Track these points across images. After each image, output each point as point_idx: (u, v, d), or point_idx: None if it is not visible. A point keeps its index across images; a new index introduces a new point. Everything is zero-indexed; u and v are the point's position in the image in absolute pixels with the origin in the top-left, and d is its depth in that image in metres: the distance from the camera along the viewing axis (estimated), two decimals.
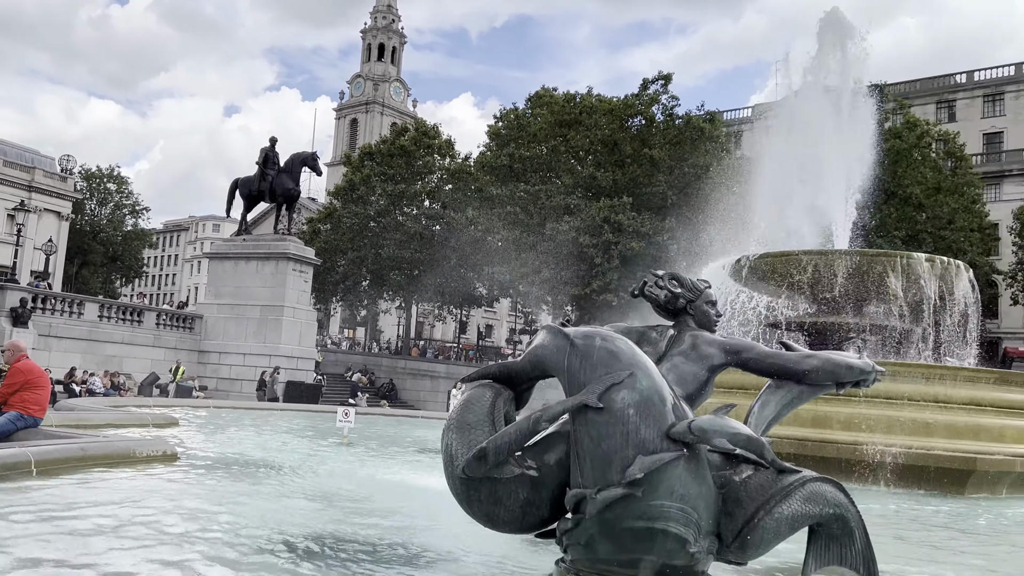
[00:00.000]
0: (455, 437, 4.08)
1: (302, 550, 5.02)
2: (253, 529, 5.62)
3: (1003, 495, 11.70)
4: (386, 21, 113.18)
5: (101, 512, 6.02)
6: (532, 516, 4.12)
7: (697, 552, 3.85)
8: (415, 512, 6.60)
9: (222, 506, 6.66)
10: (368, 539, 5.51)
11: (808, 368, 4.46)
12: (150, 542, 5.05)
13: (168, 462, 9.06)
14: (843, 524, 4.09)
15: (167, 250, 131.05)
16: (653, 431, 3.73)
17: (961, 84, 62.87)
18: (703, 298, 4.83)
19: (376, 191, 52.98)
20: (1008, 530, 9.15)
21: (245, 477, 8.73)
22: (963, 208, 45.07)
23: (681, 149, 45.01)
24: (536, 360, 4.18)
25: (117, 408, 16.72)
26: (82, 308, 32.78)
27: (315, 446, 13.05)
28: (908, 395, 12.31)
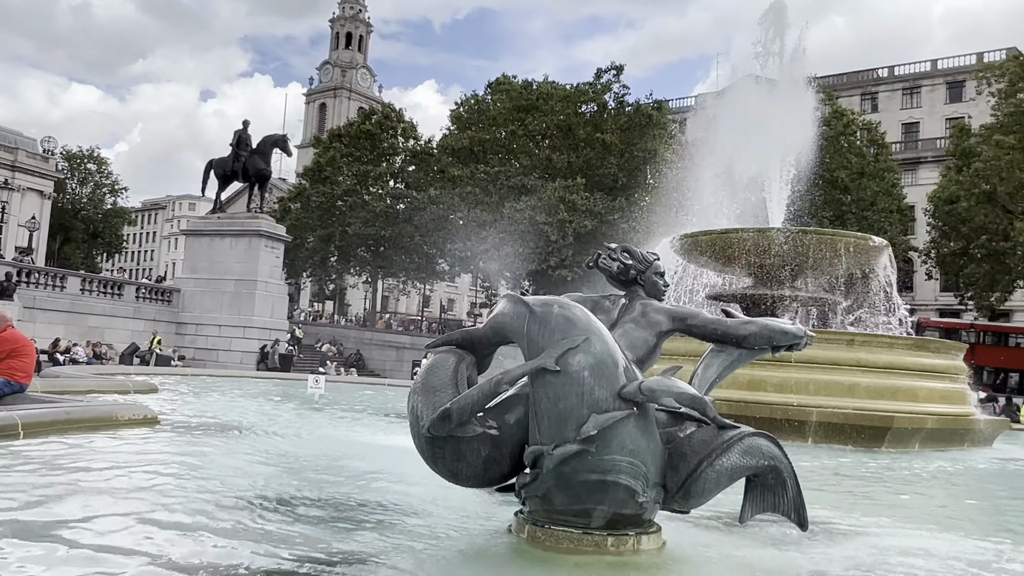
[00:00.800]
0: (421, 399, 4.07)
1: (276, 506, 4.97)
2: (230, 486, 5.55)
3: (916, 449, 12.08)
4: (353, 11, 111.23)
5: (83, 468, 5.92)
6: (493, 471, 4.14)
7: (645, 502, 3.91)
8: (385, 469, 6.57)
9: (200, 465, 6.56)
10: (341, 495, 5.48)
11: (747, 333, 4.52)
12: (130, 497, 4.96)
13: (149, 425, 8.89)
14: (777, 475, 4.17)
15: (146, 227, 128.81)
16: (606, 391, 3.76)
17: (883, 78, 63.94)
18: (652, 269, 4.85)
19: (343, 172, 52.50)
20: (920, 480, 9.45)
21: (222, 438, 8.62)
22: (884, 191, 45.97)
23: (631, 134, 45.15)
24: (497, 327, 4.17)
25: (100, 375, 16.39)
26: (64, 282, 32.10)
27: (288, 410, 12.92)
28: (834, 360, 12.61)
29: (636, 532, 4.02)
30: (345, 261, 55.44)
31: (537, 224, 41.20)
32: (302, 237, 50.69)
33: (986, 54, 56.61)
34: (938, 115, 59.97)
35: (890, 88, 63.08)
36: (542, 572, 3.84)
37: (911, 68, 63.43)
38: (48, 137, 67.07)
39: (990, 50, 56.68)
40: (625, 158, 44.80)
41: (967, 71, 56.97)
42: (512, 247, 40.79)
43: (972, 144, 41.49)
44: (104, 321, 32.15)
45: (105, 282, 34.94)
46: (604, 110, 46.73)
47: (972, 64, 57.28)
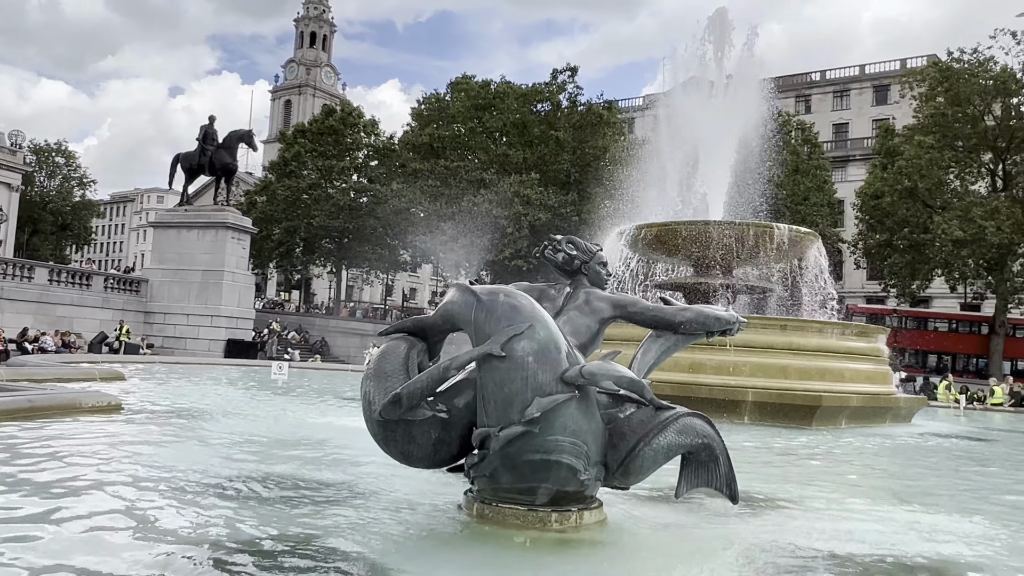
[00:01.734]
0: (373, 385, 4.02)
1: (233, 487, 4.87)
2: (188, 468, 5.41)
3: (842, 426, 12.35)
4: (317, 11, 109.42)
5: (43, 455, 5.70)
6: (443, 453, 4.12)
7: (586, 479, 3.92)
8: (342, 451, 6.49)
9: (159, 450, 6.39)
10: (298, 475, 5.39)
11: (683, 320, 4.54)
12: (87, 481, 4.79)
13: (112, 412, 8.64)
14: (710, 452, 4.20)
15: (114, 220, 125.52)
16: (549, 375, 3.74)
17: (816, 82, 65.13)
18: (595, 260, 4.84)
19: (308, 166, 51.69)
20: (845, 454, 9.67)
21: (185, 423, 8.41)
22: (816, 187, 46.80)
23: (583, 132, 45.27)
24: (447, 315, 4.13)
25: (66, 364, 15.91)
26: (32, 272, 31.05)
27: (252, 395, 12.71)
28: (768, 343, 12.81)
29: (579, 508, 4.03)
30: (310, 252, 54.71)
31: (494, 217, 41.12)
32: (268, 229, 49.80)
33: (909, 60, 57.94)
34: (865, 116, 61.35)
35: (822, 91, 64.31)
36: (489, 548, 3.82)
37: (841, 73, 64.75)
38: (16, 131, 64.80)
39: (913, 56, 58.07)
40: (577, 155, 44.93)
41: (892, 76, 58.33)
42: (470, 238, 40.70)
43: (896, 144, 42.37)
44: (73, 311, 31.26)
45: (73, 273, 33.95)
46: (558, 109, 46.80)
47: (896, 70, 58.62)
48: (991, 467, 9.47)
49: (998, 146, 38.94)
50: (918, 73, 43.07)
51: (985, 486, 7.59)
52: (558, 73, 47.19)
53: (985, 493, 7.09)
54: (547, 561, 3.65)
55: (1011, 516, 5.77)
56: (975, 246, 35.83)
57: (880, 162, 43.80)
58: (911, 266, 40.51)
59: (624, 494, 4.49)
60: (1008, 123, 38.17)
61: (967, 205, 36.93)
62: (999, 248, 35.88)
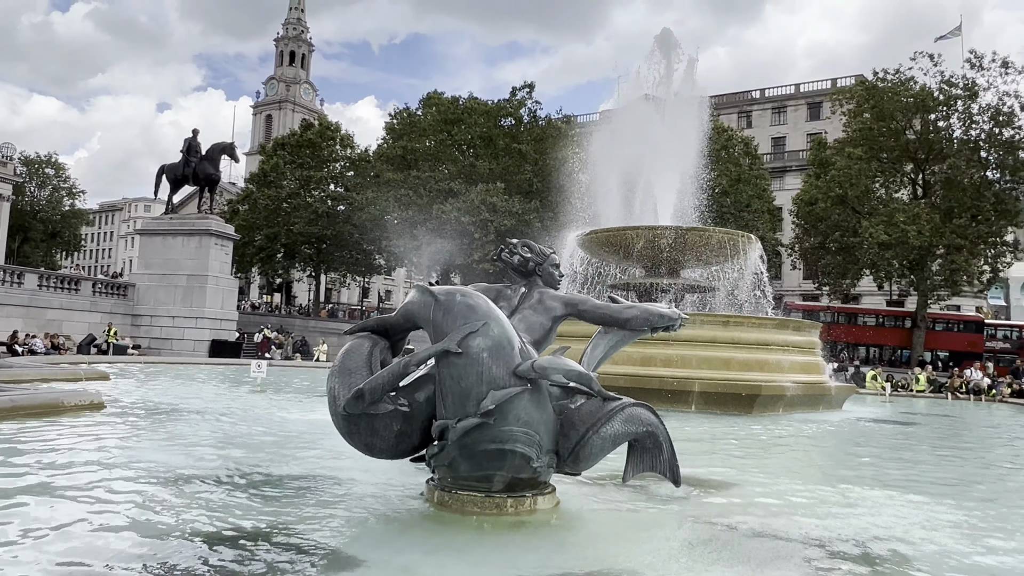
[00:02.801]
0: (337, 381, 3.95)
1: (211, 480, 4.74)
2: (166, 463, 5.26)
3: (780, 412, 12.47)
4: (296, 32, 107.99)
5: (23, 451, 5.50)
6: (405, 444, 4.06)
7: (539, 467, 3.89)
8: (315, 444, 6.37)
9: (139, 445, 6.22)
10: (272, 468, 5.27)
11: (629, 316, 4.54)
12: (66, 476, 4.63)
13: (95, 410, 8.36)
14: (654, 439, 4.20)
15: (103, 227, 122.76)
16: (503, 370, 3.71)
17: (756, 99, 66.12)
18: (548, 262, 4.82)
19: (287, 176, 51.11)
20: (782, 438, 9.77)
21: (164, 420, 8.20)
22: (757, 195, 47.36)
23: (544, 144, 45.26)
24: (407, 314, 4.07)
25: (52, 364, 15.41)
26: (22, 278, 30.08)
27: (231, 393, 12.43)
28: (712, 338, 12.91)
29: (533, 494, 4.01)
30: (291, 257, 54.04)
31: (462, 223, 40.99)
32: (250, 236, 49.07)
33: (839, 80, 59.15)
34: (800, 131, 62.41)
35: (762, 108, 65.29)
36: (449, 532, 3.77)
37: (779, 91, 65.78)
38: (6, 143, 63.09)
39: (842, 77, 59.23)
40: (539, 165, 44.94)
41: (824, 94, 59.44)
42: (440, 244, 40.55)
43: (827, 155, 43.04)
44: (62, 314, 30.43)
45: (62, 278, 32.97)
46: (520, 124, 46.89)
47: (828, 88, 59.79)
48: (914, 446, 9.68)
49: (918, 157, 39.86)
50: (847, 92, 43.89)
51: (907, 464, 7.74)
52: (517, 90, 47.38)
53: (907, 470, 7.23)
54: (503, 543, 3.62)
55: (929, 490, 5.89)
56: (898, 248, 36.63)
57: (814, 172, 44.48)
58: (842, 266, 41.22)
59: (576, 479, 4.47)
60: (927, 137, 39.10)
61: (891, 211, 37.73)
62: (919, 250, 36.74)
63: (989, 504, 5.51)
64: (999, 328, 43.70)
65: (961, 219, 37.37)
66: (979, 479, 7.12)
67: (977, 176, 38.27)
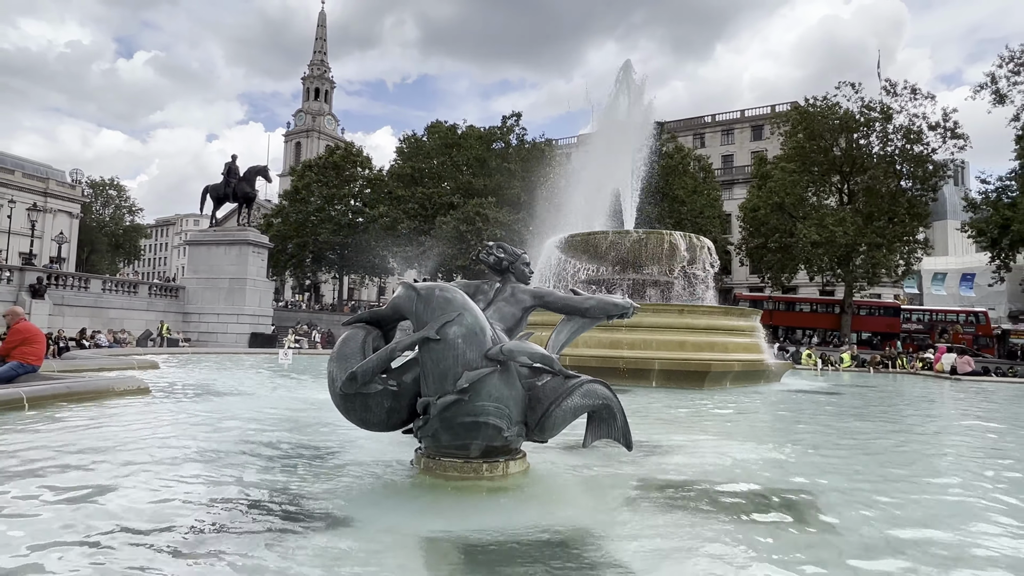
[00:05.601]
0: (335, 365, 3.87)
1: (236, 451, 4.65)
2: (196, 438, 5.18)
3: (727, 386, 12.43)
4: (320, 72, 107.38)
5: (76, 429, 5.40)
6: (395, 418, 3.98)
7: (510, 436, 3.82)
8: (323, 420, 6.28)
9: (175, 422, 6.11)
10: (285, 440, 5.19)
11: (588, 306, 4.46)
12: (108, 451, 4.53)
13: (142, 395, 8.26)
14: (609, 410, 4.13)
15: (160, 239, 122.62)
16: (476, 353, 3.64)
17: (708, 123, 66.04)
18: (520, 261, 4.74)
19: (314, 194, 50.90)
20: (728, 408, 9.70)
21: (201, 402, 8.08)
22: (709, 204, 47.42)
23: (530, 164, 45.12)
24: (395, 307, 3.99)
25: (111, 356, 15.23)
26: (88, 283, 29.87)
27: (262, 377, 12.30)
28: (669, 324, 12.84)
29: (505, 459, 3.94)
30: (318, 262, 53.94)
31: (460, 232, 40.92)
32: (283, 244, 48.95)
33: (777, 106, 59.19)
34: (746, 149, 62.42)
35: (713, 130, 65.24)
36: (432, 494, 3.70)
37: (727, 116, 65.75)
38: (75, 169, 63.15)
39: (780, 103, 59.28)
40: (526, 182, 44.80)
41: (764, 119, 59.48)
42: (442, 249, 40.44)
43: (768, 170, 43.14)
44: (123, 313, 30.20)
45: (122, 282, 32.70)
46: (509, 147, 46.81)
47: (768, 114, 59.82)
48: (839, 414, 9.64)
49: (843, 170, 39.95)
50: (784, 116, 43.96)
51: (831, 430, 7.69)
52: (507, 119, 47.43)
53: (831, 434, 7.18)
54: (478, 502, 3.55)
55: (841, 448, 5.84)
56: (828, 246, 36.72)
57: (756, 184, 44.56)
58: (781, 262, 41.32)
59: (543, 446, 4.41)
60: (850, 153, 39.18)
61: (821, 216, 37.81)
62: (845, 247, 36.86)
63: (886, 455, 5.47)
64: (913, 312, 43.84)
65: (880, 221, 37.51)
66: (884, 437, 7.08)
67: (893, 185, 38.40)
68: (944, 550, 3.00)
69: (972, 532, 3.31)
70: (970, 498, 4.06)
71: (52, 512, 3.17)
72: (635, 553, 2.82)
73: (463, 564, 2.67)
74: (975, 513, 3.68)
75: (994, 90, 33.80)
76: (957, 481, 4.61)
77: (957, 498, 4.08)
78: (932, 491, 4.27)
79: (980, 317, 41.22)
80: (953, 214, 55.68)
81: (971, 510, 3.76)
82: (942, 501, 3.99)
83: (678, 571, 2.66)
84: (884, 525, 3.34)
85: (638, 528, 3.19)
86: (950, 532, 3.28)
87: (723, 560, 2.78)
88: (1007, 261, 33.92)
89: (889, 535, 3.17)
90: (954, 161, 40.23)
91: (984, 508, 3.80)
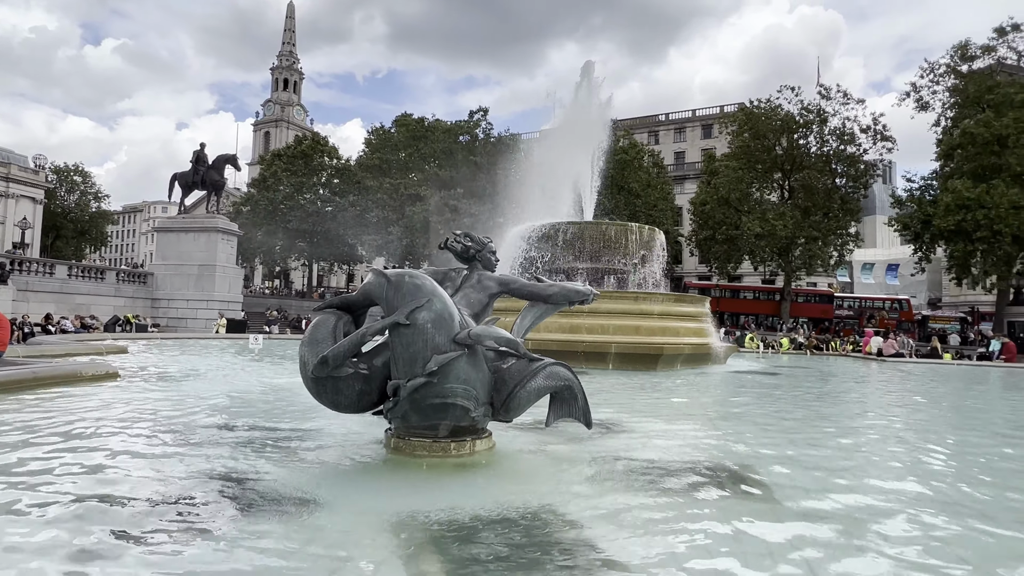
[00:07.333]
0: (307, 349, 3.78)
1: (207, 434, 4.50)
2: (163, 420, 4.99)
3: (678, 368, 12.66)
4: (288, 63, 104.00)
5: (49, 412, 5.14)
6: (365, 401, 3.91)
7: (477, 416, 3.80)
8: (295, 402, 6.15)
9: (140, 406, 5.88)
10: (256, 423, 5.05)
11: (551, 293, 4.46)
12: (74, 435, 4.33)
13: (110, 379, 7.93)
14: (570, 391, 4.14)
15: (127, 226, 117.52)
16: (444, 338, 3.60)
17: (662, 121, 66.78)
18: (486, 249, 4.69)
19: (283, 183, 49.52)
20: (679, 388, 9.90)
21: (168, 386, 7.80)
22: (662, 197, 47.99)
23: (495, 157, 44.85)
24: (365, 293, 3.91)
25: (78, 341, 14.59)
26: (53, 269, 28.43)
27: (232, 361, 11.95)
28: (625, 310, 12.98)
29: (472, 438, 3.92)
30: (287, 249, 52.58)
31: (429, 222, 40.48)
32: (253, 232, 47.48)
33: (725, 107, 60.23)
34: (696, 147, 63.41)
35: (666, 128, 66.01)
36: (402, 472, 3.66)
37: (680, 116, 66.60)
38: (39, 155, 59.87)
39: (727, 104, 60.34)
40: (491, 174, 44.55)
41: (714, 118, 60.49)
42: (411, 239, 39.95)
43: (716, 166, 43.93)
44: (89, 299, 28.84)
45: (88, 268, 31.25)
46: (475, 140, 46.39)
47: (717, 114, 60.83)
48: (778, 392, 9.96)
49: (784, 168, 41.00)
50: (731, 117, 44.73)
51: (771, 406, 7.95)
52: (473, 113, 46.91)
53: (770, 412, 7.41)
54: (447, 479, 3.53)
55: (782, 422, 6.04)
56: (769, 239, 37.75)
57: (705, 180, 45.34)
58: (727, 253, 42.21)
59: (508, 425, 4.40)
60: (791, 152, 40.24)
61: (764, 210, 38.83)
62: (785, 240, 37.96)
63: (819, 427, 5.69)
64: (844, 299, 45.48)
65: (816, 216, 38.72)
66: (811, 412, 7.37)
67: (828, 183, 39.64)
68: (865, 503, 3.14)
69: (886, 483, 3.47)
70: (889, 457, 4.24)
71: (9, 496, 3.01)
72: (595, 524, 2.85)
73: (436, 539, 2.65)
74: (892, 469, 3.86)
75: (917, 98, 35.21)
76: (880, 441, 4.82)
77: (879, 458, 4.26)
78: (859, 456, 4.45)
79: (904, 304, 43.12)
80: (881, 210, 58.00)
81: (889, 467, 3.93)
82: (868, 461, 4.16)
83: (636, 539, 2.70)
84: (818, 487, 3.47)
85: (598, 501, 3.22)
86: (870, 486, 3.43)
87: (678, 526, 2.84)
88: (928, 254, 35.53)
89: (823, 495, 3.30)
90: (883, 161, 41.74)
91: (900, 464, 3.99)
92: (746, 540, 2.71)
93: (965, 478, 4.02)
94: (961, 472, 4.24)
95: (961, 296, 47.66)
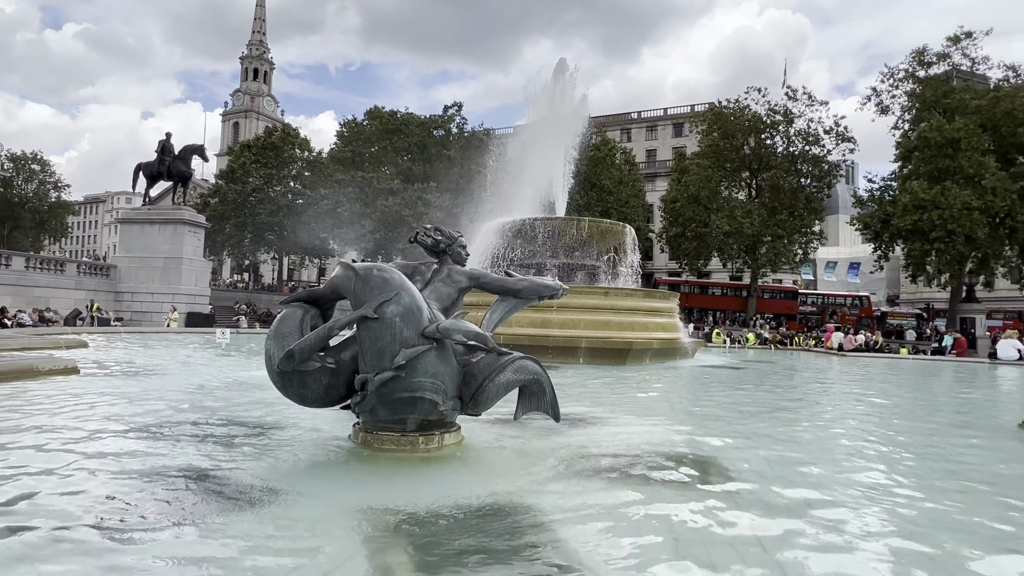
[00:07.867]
0: (273, 343, 3.71)
1: (172, 430, 4.39)
2: (126, 417, 4.85)
3: (647, 362, 12.82)
4: (258, 52, 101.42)
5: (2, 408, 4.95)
6: (333, 395, 3.86)
7: (445, 410, 3.79)
8: (264, 398, 6.04)
9: (105, 402, 5.69)
10: (221, 417, 4.95)
11: (521, 287, 4.46)
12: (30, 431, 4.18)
13: (69, 374, 7.65)
14: (539, 385, 4.16)
15: (89, 217, 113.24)
16: (412, 332, 3.58)
17: (634, 119, 67.34)
18: (456, 243, 4.66)
19: (252, 174, 48.46)
20: (647, 382, 10.02)
21: (133, 380, 7.58)
22: (634, 195, 48.46)
23: (469, 152, 44.68)
24: (333, 286, 3.86)
25: (36, 335, 14.02)
26: (9, 260, 27.32)
27: (197, 356, 11.67)
28: (596, 305, 13.08)
29: (441, 432, 3.90)
30: (257, 242, 51.42)
31: (402, 216, 40.10)
32: (221, 224, 46.36)
33: (696, 107, 61.01)
34: (667, 145, 64.14)
35: (639, 126, 66.60)
36: (370, 466, 3.63)
37: (652, 114, 67.25)
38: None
39: (698, 104, 61.13)
40: (464, 168, 44.37)
41: (684, 117, 61.23)
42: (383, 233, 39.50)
43: (686, 165, 44.48)
44: (49, 292, 27.84)
45: (47, 260, 30.11)
46: (449, 134, 46.06)
47: (687, 113, 61.56)
48: (744, 386, 10.17)
49: (752, 167, 41.82)
50: (701, 116, 45.26)
51: (737, 400, 8.12)
52: (448, 108, 46.56)
53: (736, 405, 7.57)
54: (415, 473, 3.52)
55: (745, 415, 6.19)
56: (737, 236, 38.48)
57: (676, 177, 45.82)
58: (696, 250, 42.86)
59: (477, 419, 4.41)
60: (758, 152, 41.06)
61: (732, 208, 39.52)
62: (752, 237, 38.75)
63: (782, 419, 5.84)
64: (808, 296, 46.68)
65: (782, 215, 39.61)
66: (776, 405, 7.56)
67: (794, 182, 40.57)
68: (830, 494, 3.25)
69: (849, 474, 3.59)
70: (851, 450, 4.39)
71: None
72: (561, 516, 2.88)
73: (404, 532, 2.65)
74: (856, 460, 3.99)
75: (878, 102, 36.28)
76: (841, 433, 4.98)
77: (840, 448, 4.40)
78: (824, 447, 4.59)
79: (864, 300, 44.48)
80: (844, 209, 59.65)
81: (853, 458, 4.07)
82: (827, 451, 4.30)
83: (603, 530, 2.74)
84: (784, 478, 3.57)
85: (565, 494, 3.26)
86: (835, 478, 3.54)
87: (644, 518, 2.89)
88: (887, 252, 36.70)
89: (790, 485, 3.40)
90: (845, 162, 42.94)
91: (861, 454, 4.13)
92: (713, 531, 2.77)
93: (924, 468, 4.18)
94: (921, 462, 4.40)
95: (918, 293, 49.40)
